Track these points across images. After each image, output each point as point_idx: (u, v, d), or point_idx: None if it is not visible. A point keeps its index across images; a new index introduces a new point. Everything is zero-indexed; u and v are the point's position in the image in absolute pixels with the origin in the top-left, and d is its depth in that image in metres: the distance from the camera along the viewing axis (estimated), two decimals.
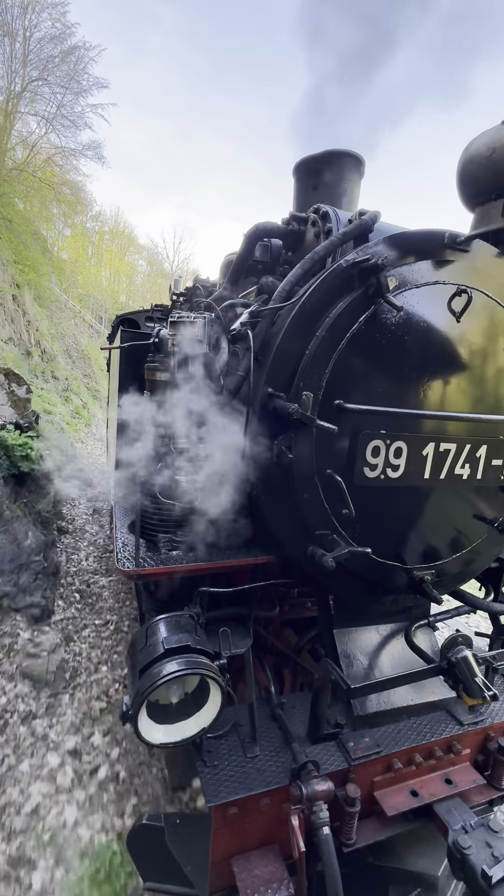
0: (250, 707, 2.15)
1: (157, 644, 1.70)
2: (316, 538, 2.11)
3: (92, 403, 16.49)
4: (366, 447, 2.06)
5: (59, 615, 4.87)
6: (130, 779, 3.32)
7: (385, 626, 2.59)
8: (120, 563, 2.05)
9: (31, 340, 13.46)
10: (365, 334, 2.03)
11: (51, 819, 2.95)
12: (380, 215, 2.26)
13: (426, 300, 2.15)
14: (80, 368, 18.54)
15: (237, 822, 1.89)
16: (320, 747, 2.14)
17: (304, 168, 3.26)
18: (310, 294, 2.05)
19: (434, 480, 2.23)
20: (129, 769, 3.38)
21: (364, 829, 2.11)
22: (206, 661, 1.69)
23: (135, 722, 1.59)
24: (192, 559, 2.19)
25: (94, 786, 3.23)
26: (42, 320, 15.35)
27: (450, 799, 2.19)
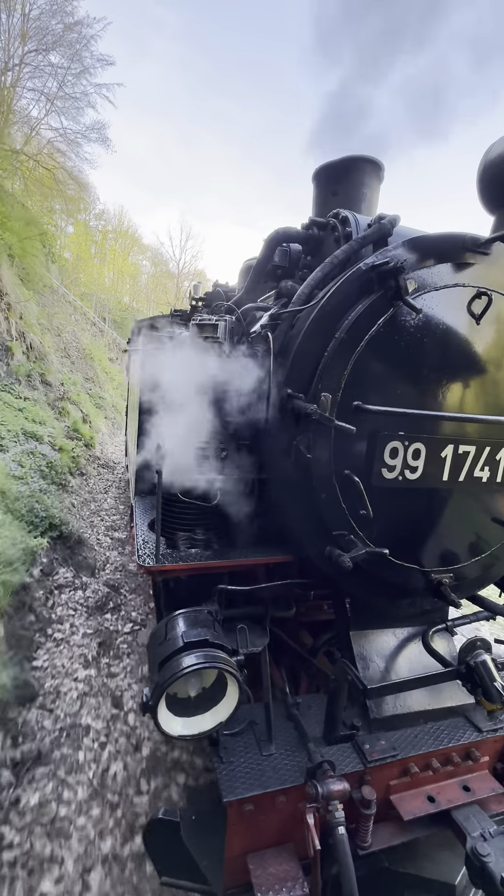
0: (266, 706, 2.17)
1: (177, 638, 1.74)
2: (333, 538, 2.12)
3: (95, 415, 13.21)
4: (384, 448, 2.07)
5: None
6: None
7: (402, 630, 2.58)
8: (141, 559, 2.09)
9: (10, 331, 10.11)
10: (384, 336, 2.05)
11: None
12: (399, 219, 2.28)
13: (446, 303, 2.15)
14: (81, 370, 15.61)
15: (252, 818, 1.91)
16: (336, 748, 2.14)
17: (324, 174, 3.31)
18: (329, 297, 2.08)
19: (453, 483, 2.23)
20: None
21: (380, 832, 2.10)
22: (224, 656, 1.72)
23: (154, 713, 1.63)
24: (210, 557, 2.23)
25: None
26: (27, 302, 11.98)
27: (468, 805, 2.16)
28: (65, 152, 19.06)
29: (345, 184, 3.24)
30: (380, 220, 2.24)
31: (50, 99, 17.73)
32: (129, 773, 3.18)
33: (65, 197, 19.32)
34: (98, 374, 17.48)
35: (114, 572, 6.26)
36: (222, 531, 2.42)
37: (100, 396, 15.59)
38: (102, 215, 40.74)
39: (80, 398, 12.61)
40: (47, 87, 17.50)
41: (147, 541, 2.31)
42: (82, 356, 16.93)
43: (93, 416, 12.84)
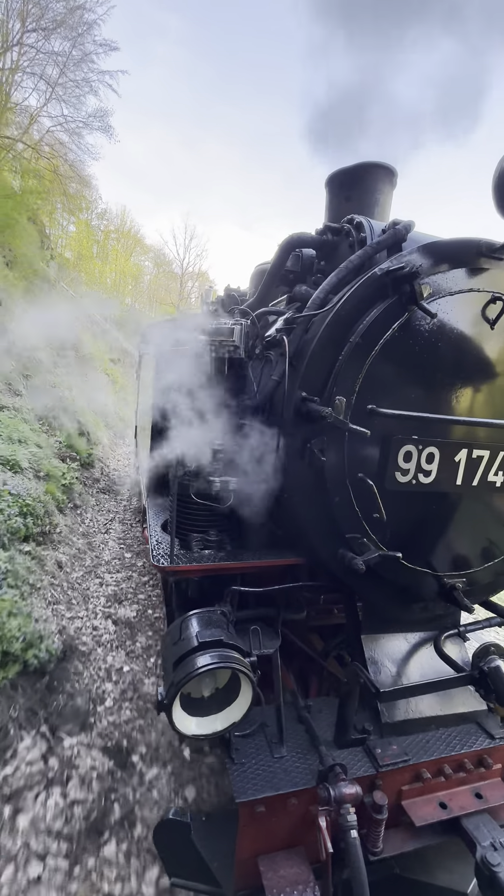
0: (277, 708, 2.17)
1: (192, 638, 1.75)
2: (346, 541, 2.13)
3: (95, 425, 10.90)
4: (398, 452, 2.08)
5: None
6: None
7: (413, 635, 2.57)
8: (155, 560, 2.12)
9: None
10: (398, 341, 2.06)
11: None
12: (413, 225, 2.30)
13: (460, 307, 2.16)
14: (79, 372, 13.32)
15: (264, 820, 1.91)
16: (347, 752, 2.13)
17: (337, 180, 3.33)
18: (344, 301, 2.09)
19: (466, 487, 2.22)
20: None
21: (391, 838, 2.09)
22: (238, 657, 1.73)
23: (169, 712, 1.65)
24: (223, 558, 2.25)
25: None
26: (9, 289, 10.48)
27: (479, 814, 2.14)
28: (65, 143, 18.17)
29: (358, 189, 3.26)
30: (394, 226, 2.26)
31: (50, 84, 16.74)
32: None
33: (66, 193, 18.56)
34: (99, 377, 15.71)
35: (119, 709, 3.47)
36: (235, 533, 2.44)
37: (101, 403, 13.44)
38: (105, 215, 40.01)
39: (76, 405, 10.43)
40: (47, 74, 16.58)
41: (161, 541, 2.33)
42: (80, 357, 14.69)
43: (91, 426, 10.60)
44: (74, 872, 2.42)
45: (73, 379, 11.96)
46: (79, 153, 19.08)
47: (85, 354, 15.34)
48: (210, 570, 2.21)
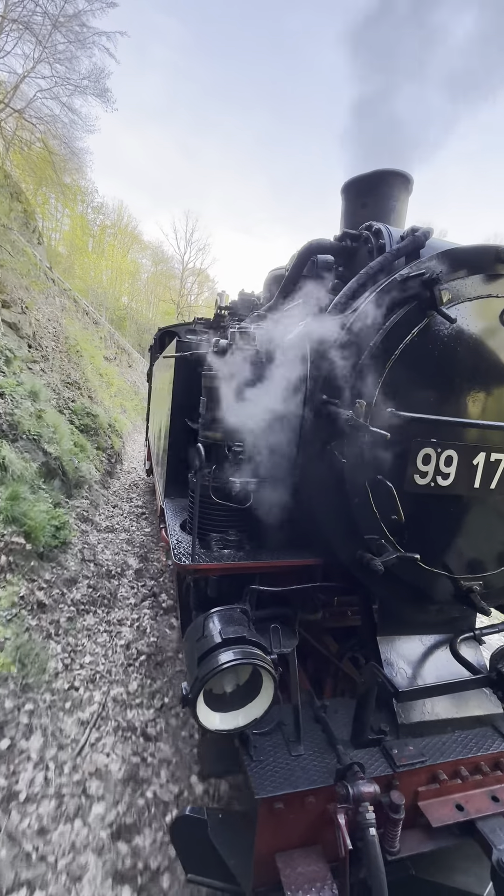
0: (295, 707, 2.19)
1: (215, 634, 1.79)
2: (365, 542, 2.16)
3: (77, 445, 8.11)
4: (417, 454, 2.11)
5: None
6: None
7: (429, 637, 2.59)
8: (177, 558, 2.16)
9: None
10: (418, 345, 2.10)
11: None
12: (432, 232, 2.34)
13: (478, 313, 2.19)
14: (62, 369, 10.70)
15: (282, 817, 1.93)
16: (364, 752, 2.15)
17: (354, 187, 3.39)
18: (365, 306, 2.14)
19: (484, 490, 2.25)
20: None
21: (408, 839, 2.09)
22: (260, 654, 1.76)
23: (193, 706, 1.68)
24: (243, 558, 2.28)
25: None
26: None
27: (495, 817, 2.14)
28: (57, 117, 16.10)
29: (374, 196, 3.31)
30: (413, 233, 2.30)
31: (40, 41, 14.63)
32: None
33: (56, 172, 16.63)
34: (89, 377, 12.50)
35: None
36: (253, 533, 2.47)
37: (88, 412, 9.87)
38: (101, 209, 38.49)
39: (51, 415, 7.40)
40: (35, 30, 14.57)
41: (181, 541, 2.38)
42: (63, 349, 11.76)
43: (67, 445, 7.36)
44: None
45: (52, 376, 9.88)
46: (70, 127, 17.10)
47: (70, 348, 12.45)
48: (230, 569, 2.24)
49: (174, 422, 3.27)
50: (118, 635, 4.72)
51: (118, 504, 9.14)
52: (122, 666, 4.22)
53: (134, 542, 7.49)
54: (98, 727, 3.45)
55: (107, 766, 3.14)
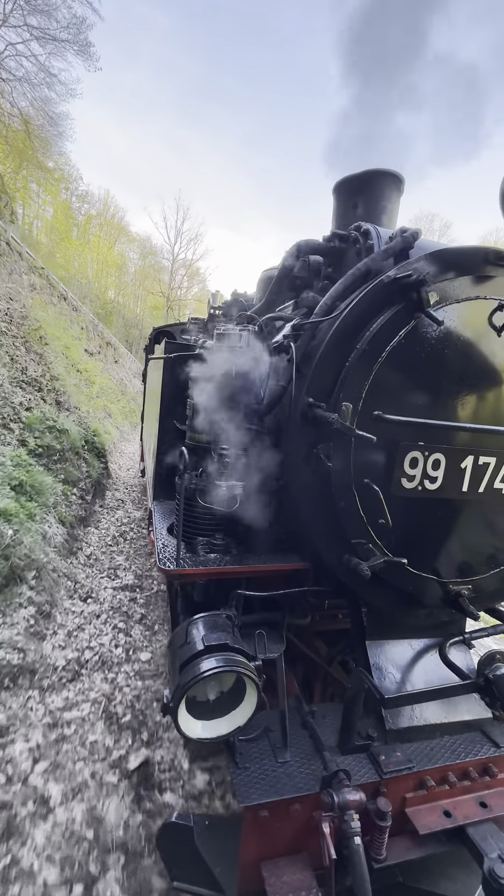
0: (282, 713, 2.17)
1: (197, 641, 1.76)
2: (352, 547, 2.14)
3: (38, 487, 5.40)
4: (404, 458, 2.09)
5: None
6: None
7: (418, 641, 2.57)
8: (161, 563, 2.13)
9: None
10: (405, 348, 2.07)
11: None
12: (421, 233, 2.32)
13: (467, 315, 2.17)
14: (15, 361, 8.00)
15: (267, 825, 1.91)
16: (351, 758, 2.13)
17: (345, 187, 3.36)
18: (351, 308, 2.11)
19: (472, 494, 2.23)
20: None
21: (395, 846, 2.08)
22: (244, 661, 1.74)
23: (175, 714, 1.66)
24: (229, 562, 2.26)
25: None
26: None
27: (485, 824, 2.13)
28: (34, 74, 13.77)
29: (365, 197, 3.29)
30: (402, 234, 2.27)
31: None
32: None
33: (34, 146, 14.54)
34: (59, 374, 9.82)
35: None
36: (240, 537, 2.45)
37: (52, 426, 6.94)
38: (86, 197, 36.23)
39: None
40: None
41: (167, 545, 2.35)
42: (20, 335, 9.25)
43: (25, 473, 5.32)
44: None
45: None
46: (48, 89, 14.92)
47: (31, 333, 9.95)
48: (215, 574, 2.22)
49: (163, 423, 3.25)
50: None
51: (93, 589, 5.32)
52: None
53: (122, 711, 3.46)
54: None
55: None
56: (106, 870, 2.45)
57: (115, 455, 11.95)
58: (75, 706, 3.44)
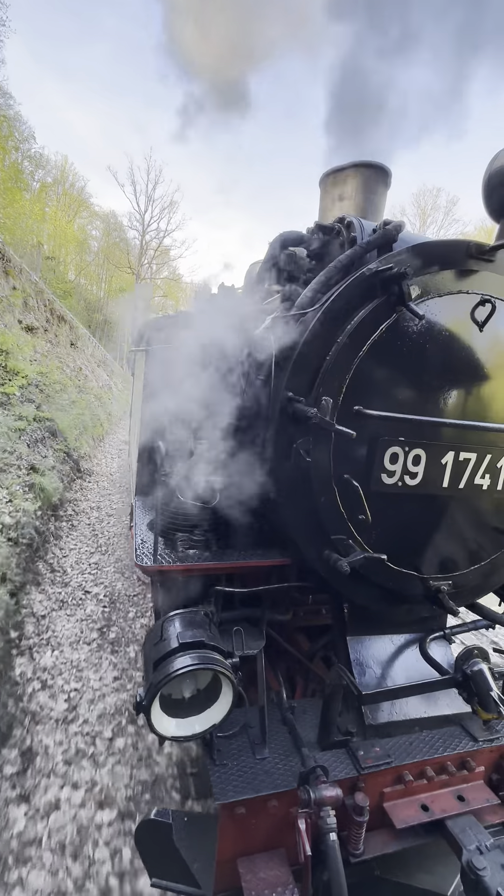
0: (261, 709, 2.16)
1: (172, 638, 1.74)
2: (332, 542, 2.12)
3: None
4: (384, 453, 2.07)
5: None
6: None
7: (399, 637, 2.57)
8: (139, 559, 2.10)
9: None
10: (386, 342, 2.05)
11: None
12: (404, 225, 2.29)
13: (449, 309, 2.15)
14: None
15: (244, 822, 1.90)
16: (330, 754, 2.13)
17: (331, 179, 3.32)
18: (332, 301, 2.08)
19: (453, 489, 2.22)
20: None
21: (372, 840, 2.08)
22: (219, 658, 1.72)
23: (148, 713, 1.63)
24: (208, 558, 2.23)
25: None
26: None
27: (463, 817, 2.14)
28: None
29: (351, 189, 3.25)
30: (385, 226, 2.24)
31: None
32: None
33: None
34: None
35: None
36: (221, 533, 2.42)
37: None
38: (41, 161, 31.02)
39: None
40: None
41: (146, 540, 2.32)
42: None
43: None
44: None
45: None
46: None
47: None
48: (194, 570, 2.19)
49: (144, 416, 3.20)
50: None
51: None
52: None
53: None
54: None
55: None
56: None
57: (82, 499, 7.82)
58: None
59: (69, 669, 4.13)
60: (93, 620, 4.98)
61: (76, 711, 3.67)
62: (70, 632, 4.70)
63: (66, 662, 4.22)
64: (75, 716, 3.63)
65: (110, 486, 9.84)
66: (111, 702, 3.80)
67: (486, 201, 2.09)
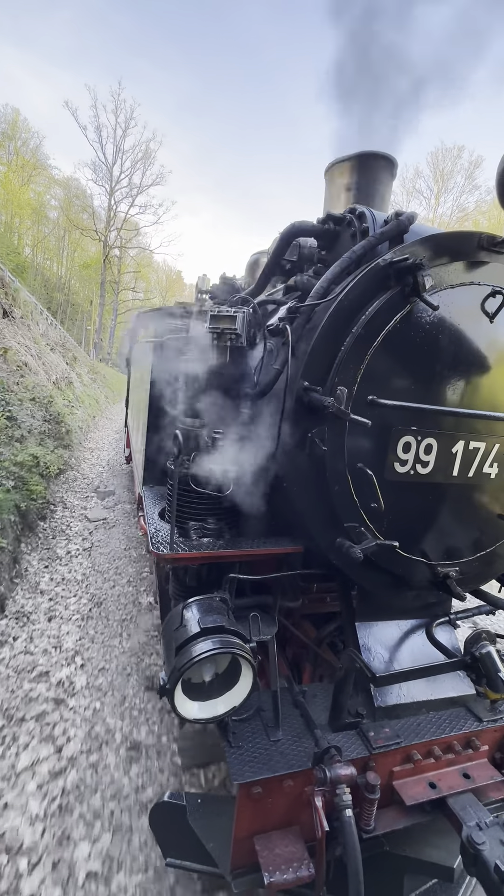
0: (274, 693, 2.21)
1: (193, 623, 1.77)
2: (344, 530, 2.16)
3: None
4: (397, 443, 2.11)
5: None
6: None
7: (406, 622, 2.63)
8: (155, 548, 2.12)
9: None
10: (400, 332, 2.07)
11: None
12: (416, 216, 2.31)
13: (460, 300, 2.18)
14: None
15: (260, 801, 1.95)
16: (341, 735, 2.19)
17: (337, 169, 3.32)
18: (347, 292, 2.10)
19: (462, 478, 2.27)
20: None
21: (382, 817, 2.15)
22: (239, 642, 1.75)
23: (171, 696, 1.66)
24: (223, 546, 2.26)
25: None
26: None
27: (465, 795, 2.22)
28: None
29: (357, 179, 3.26)
30: (397, 217, 2.26)
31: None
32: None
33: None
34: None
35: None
36: (233, 521, 2.45)
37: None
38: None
39: None
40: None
41: (159, 529, 2.33)
42: None
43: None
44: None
45: None
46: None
47: None
48: (210, 558, 2.21)
49: (153, 408, 3.20)
50: None
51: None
52: None
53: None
54: None
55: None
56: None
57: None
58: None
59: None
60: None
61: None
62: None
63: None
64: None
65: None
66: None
67: (499, 193, 2.12)
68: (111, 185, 32.91)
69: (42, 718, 3.43)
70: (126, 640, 4.52)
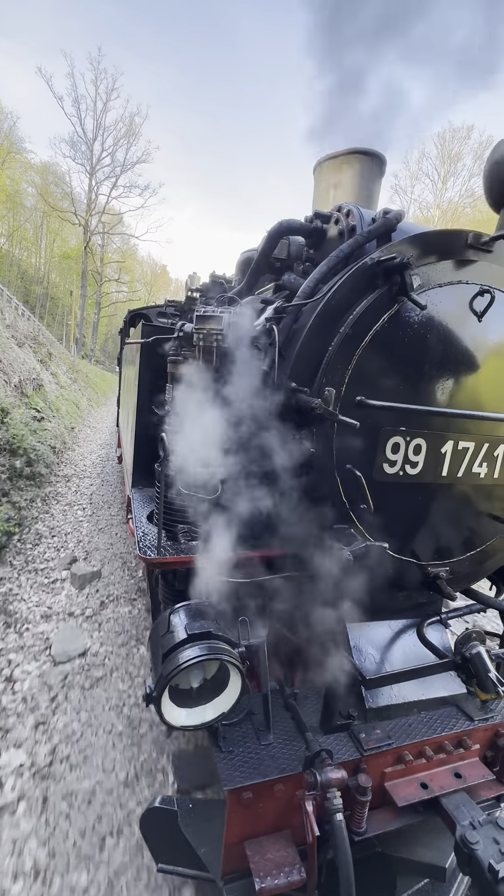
0: (265, 696, 2.19)
1: (180, 629, 1.74)
2: (333, 532, 2.14)
3: None
4: (386, 443, 2.09)
5: None
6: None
7: (396, 622, 2.63)
8: (142, 552, 2.09)
9: None
10: (388, 332, 2.06)
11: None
12: (404, 214, 2.29)
13: (448, 299, 2.17)
14: None
15: (251, 806, 1.93)
16: (332, 737, 2.18)
17: (326, 167, 3.29)
18: (334, 291, 2.07)
19: (452, 478, 2.26)
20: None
21: (374, 819, 2.15)
22: (227, 648, 1.73)
23: (158, 704, 1.64)
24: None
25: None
26: None
27: (458, 794, 2.22)
28: None
29: (346, 177, 3.23)
30: (385, 215, 2.24)
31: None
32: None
33: None
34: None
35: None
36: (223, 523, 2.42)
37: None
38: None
39: None
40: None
41: (147, 533, 2.30)
42: None
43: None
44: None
45: None
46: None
47: None
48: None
49: (141, 409, 3.16)
50: None
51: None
52: None
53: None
54: None
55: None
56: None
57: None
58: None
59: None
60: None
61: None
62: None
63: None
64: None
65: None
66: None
67: (487, 192, 2.10)
68: (91, 163, 30.09)
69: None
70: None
